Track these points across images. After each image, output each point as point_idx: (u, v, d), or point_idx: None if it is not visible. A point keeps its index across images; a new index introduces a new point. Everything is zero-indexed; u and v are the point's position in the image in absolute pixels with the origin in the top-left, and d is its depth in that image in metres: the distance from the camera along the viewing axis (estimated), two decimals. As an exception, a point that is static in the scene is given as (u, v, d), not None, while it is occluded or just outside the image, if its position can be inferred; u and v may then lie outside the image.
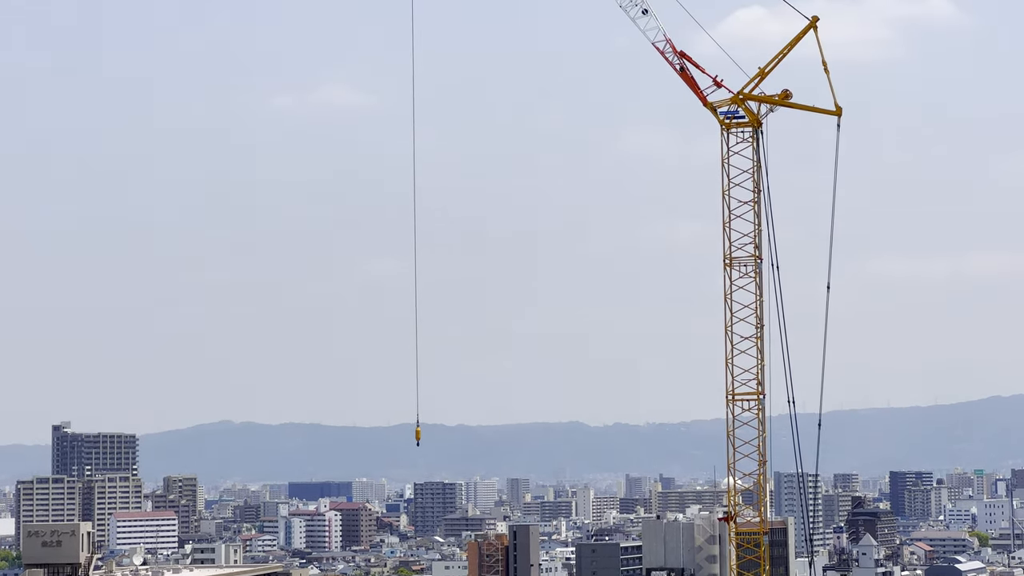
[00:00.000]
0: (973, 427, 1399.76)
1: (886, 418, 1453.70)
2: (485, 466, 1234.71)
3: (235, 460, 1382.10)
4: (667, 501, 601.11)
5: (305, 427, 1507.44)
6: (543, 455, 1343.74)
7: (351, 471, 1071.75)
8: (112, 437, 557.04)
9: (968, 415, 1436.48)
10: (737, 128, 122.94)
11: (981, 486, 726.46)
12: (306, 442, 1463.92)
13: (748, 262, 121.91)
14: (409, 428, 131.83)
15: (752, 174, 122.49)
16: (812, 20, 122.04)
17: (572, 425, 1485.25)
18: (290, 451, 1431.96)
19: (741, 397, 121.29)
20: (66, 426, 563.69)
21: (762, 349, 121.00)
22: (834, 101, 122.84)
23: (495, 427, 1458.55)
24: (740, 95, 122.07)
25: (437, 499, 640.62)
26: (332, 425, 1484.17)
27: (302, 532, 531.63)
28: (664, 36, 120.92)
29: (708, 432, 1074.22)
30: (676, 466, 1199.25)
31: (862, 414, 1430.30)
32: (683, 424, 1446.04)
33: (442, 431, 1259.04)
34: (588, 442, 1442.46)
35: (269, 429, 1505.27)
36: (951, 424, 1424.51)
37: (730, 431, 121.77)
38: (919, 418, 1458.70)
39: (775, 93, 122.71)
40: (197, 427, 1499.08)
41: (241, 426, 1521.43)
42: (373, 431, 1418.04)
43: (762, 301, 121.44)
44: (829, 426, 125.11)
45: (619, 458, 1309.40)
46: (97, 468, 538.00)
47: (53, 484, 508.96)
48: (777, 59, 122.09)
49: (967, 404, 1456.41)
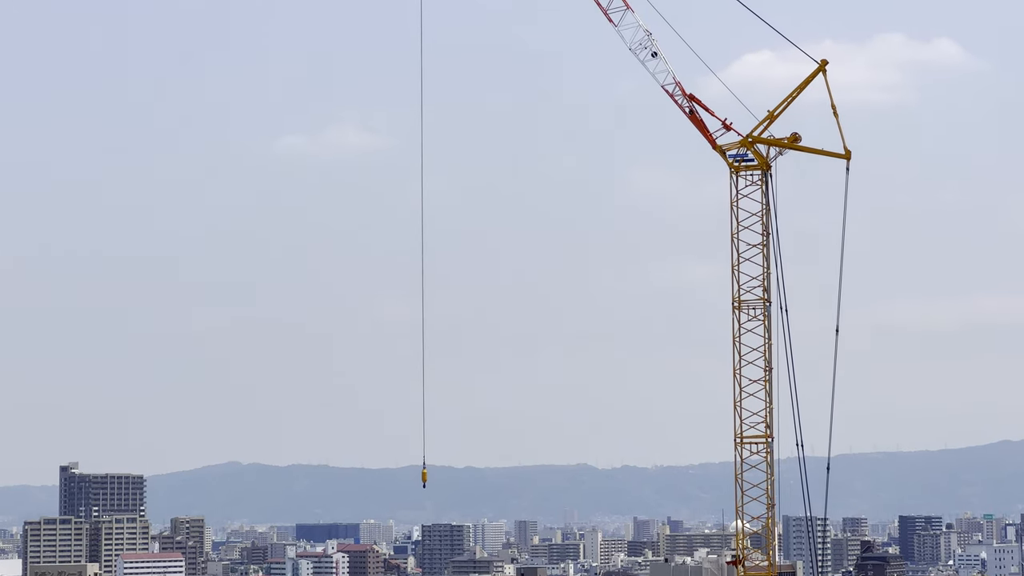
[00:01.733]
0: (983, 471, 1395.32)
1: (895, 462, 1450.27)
2: (493, 508, 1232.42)
3: (242, 501, 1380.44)
4: (675, 544, 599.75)
5: (313, 468, 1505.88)
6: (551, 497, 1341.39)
7: (358, 513, 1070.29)
8: (120, 478, 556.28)
9: (978, 459, 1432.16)
10: (746, 171, 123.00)
11: (991, 531, 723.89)
12: (313, 483, 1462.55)
13: (757, 305, 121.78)
14: (417, 470, 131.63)
15: (761, 217, 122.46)
16: (821, 63, 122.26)
17: (580, 467, 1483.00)
18: (297, 492, 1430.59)
19: (749, 440, 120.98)
20: (73, 467, 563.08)
21: (771, 392, 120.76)
22: (843, 144, 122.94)
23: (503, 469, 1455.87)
24: (749, 138, 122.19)
25: (445, 541, 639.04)
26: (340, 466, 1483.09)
27: (309, 574, 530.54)
28: (673, 79, 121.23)
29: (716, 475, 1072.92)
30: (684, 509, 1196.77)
31: (871, 458, 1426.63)
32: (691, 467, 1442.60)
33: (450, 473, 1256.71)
34: (596, 484, 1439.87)
35: (276, 470, 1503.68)
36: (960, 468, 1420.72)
37: (738, 474, 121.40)
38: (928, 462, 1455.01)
39: (784, 136, 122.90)
40: (205, 468, 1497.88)
41: (248, 467, 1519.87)
42: (381, 472, 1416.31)
43: (771, 344, 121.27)
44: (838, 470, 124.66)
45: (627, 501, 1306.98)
46: (104, 509, 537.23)
47: (60, 525, 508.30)
48: (786, 102, 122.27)
49: (977, 448, 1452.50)
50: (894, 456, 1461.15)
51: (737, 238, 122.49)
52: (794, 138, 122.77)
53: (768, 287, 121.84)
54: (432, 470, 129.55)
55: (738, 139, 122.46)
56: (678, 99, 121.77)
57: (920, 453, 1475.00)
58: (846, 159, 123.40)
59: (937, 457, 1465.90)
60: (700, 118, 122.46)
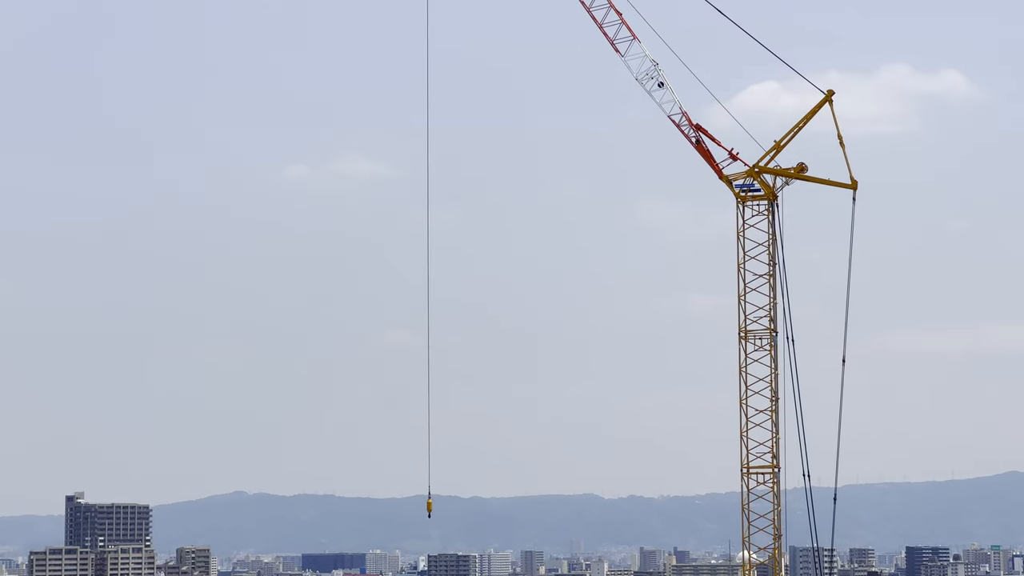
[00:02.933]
0: (990, 502, 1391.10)
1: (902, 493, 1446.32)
2: (499, 538, 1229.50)
3: (248, 531, 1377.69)
4: (682, 575, 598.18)
5: (319, 498, 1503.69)
6: (557, 527, 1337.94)
7: (365, 542, 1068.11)
8: (125, 508, 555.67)
9: (985, 490, 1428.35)
10: (753, 201, 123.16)
11: (998, 562, 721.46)
12: (320, 513, 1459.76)
13: (763, 335, 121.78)
14: (423, 499, 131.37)
15: (767, 247, 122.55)
16: (828, 94, 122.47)
17: (586, 497, 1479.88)
18: (304, 522, 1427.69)
19: (756, 470, 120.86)
20: (79, 496, 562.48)
21: (777, 422, 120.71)
22: (850, 174, 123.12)
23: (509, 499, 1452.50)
24: (756, 168, 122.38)
25: (451, 571, 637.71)
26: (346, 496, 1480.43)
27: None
28: (680, 109, 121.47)
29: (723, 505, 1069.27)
30: (691, 539, 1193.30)
31: (878, 488, 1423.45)
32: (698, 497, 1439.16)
33: (456, 503, 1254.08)
34: (602, 515, 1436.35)
35: (283, 500, 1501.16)
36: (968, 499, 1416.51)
37: (745, 504, 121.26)
38: (935, 493, 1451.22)
39: (791, 166, 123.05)
40: (210, 498, 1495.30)
41: (255, 497, 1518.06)
42: (387, 502, 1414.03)
43: (777, 374, 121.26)
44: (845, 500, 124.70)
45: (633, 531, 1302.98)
46: (110, 539, 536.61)
47: (66, 555, 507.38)
48: (792, 132, 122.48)
49: (984, 479, 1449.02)
50: (901, 486, 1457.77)
51: (743, 268, 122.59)
52: (800, 168, 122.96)
53: (774, 317, 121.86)
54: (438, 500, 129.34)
55: (745, 169, 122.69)
56: (685, 129, 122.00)
57: (927, 484, 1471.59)
58: (853, 189, 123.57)
59: (944, 488, 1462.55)
60: (707, 148, 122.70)
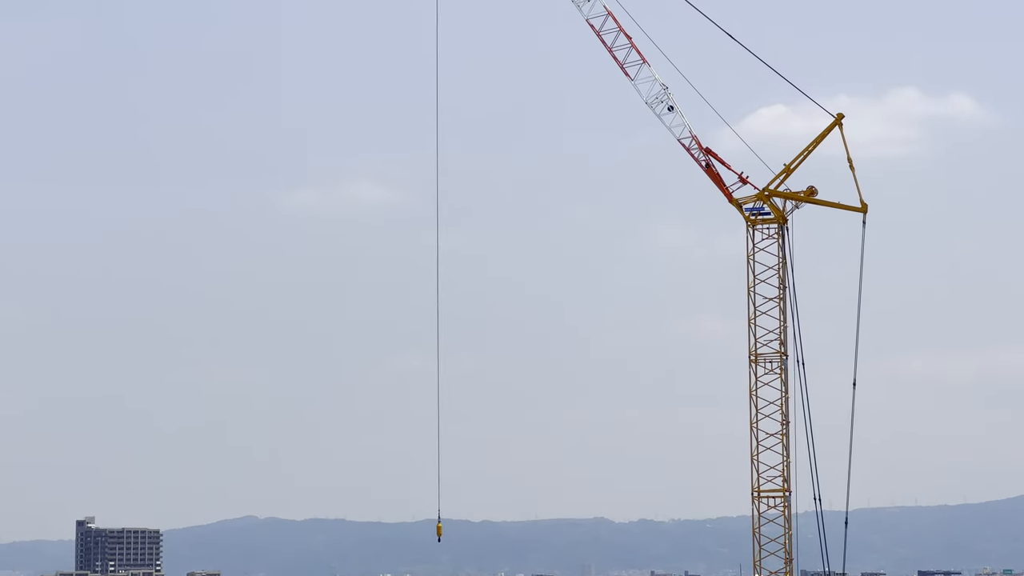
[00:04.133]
0: (1002, 526, 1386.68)
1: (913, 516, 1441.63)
2: (510, 562, 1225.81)
3: (259, 556, 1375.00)
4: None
5: (329, 522, 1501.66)
6: (568, 551, 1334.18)
7: (376, 567, 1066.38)
8: (136, 532, 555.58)
9: (996, 514, 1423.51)
10: (763, 224, 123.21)
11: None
12: (330, 537, 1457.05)
13: (774, 358, 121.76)
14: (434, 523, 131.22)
15: (777, 270, 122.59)
16: (837, 117, 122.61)
17: (597, 521, 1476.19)
18: (314, 547, 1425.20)
19: (767, 494, 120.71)
20: (90, 521, 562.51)
21: (788, 446, 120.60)
22: (860, 198, 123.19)
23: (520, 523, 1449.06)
24: (766, 191, 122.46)
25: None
26: (356, 520, 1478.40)
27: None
28: (690, 133, 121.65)
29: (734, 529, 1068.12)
30: (702, 563, 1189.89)
31: (889, 512, 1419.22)
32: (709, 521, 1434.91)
33: (467, 527, 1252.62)
34: (613, 538, 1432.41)
35: (293, 524, 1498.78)
36: (979, 523, 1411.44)
37: (756, 528, 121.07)
38: (947, 517, 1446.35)
39: (801, 190, 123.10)
40: (221, 522, 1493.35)
41: (265, 521, 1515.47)
42: (398, 527, 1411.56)
43: (788, 398, 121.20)
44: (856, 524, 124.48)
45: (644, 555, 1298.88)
46: (121, 564, 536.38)
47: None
48: (803, 155, 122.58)
49: (995, 503, 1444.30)
50: (912, 510, 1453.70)
51: (754, 291, 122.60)
52: (810, 191, 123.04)
53: (785, 340, 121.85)
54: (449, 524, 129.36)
55: (755, 193, 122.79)
56: (695, 153, 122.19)
57: (939, 507, 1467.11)
58: (863, 212, 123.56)
59: (956, 511, 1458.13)
60: (717, 172, 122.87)
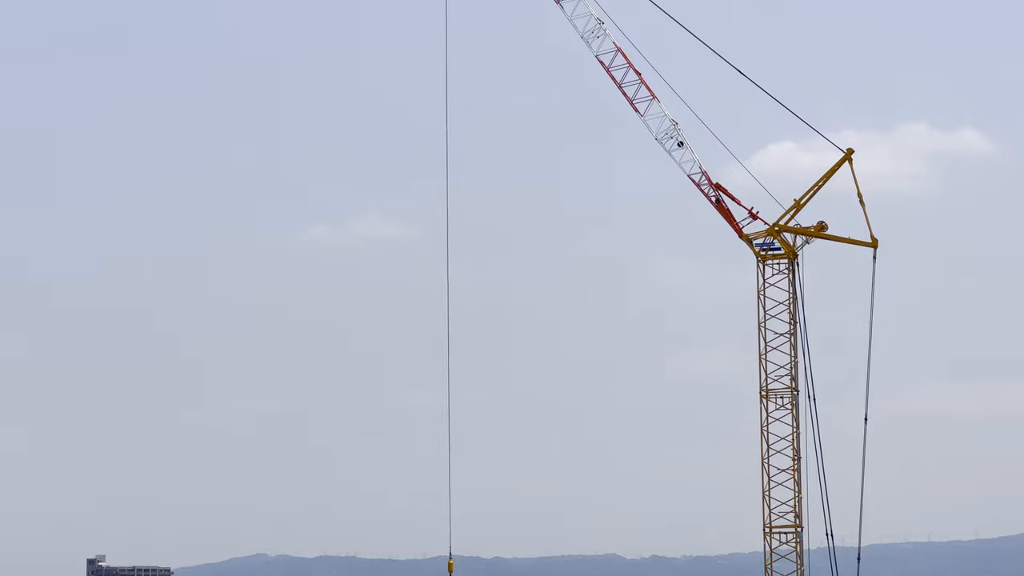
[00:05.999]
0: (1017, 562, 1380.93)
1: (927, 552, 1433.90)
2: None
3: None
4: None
5: (340, 559, 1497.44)
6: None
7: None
8: (147, 571, 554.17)
9: (1011, 549, 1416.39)
10: (773, 260, 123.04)
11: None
12: (341, 575, 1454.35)
13: (784, 394, 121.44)
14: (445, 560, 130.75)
15: (788, 305, 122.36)
16: (847, 152, 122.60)
17: (608, 558, 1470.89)
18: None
19: (779, 530, 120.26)
20: (101, 559, 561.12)
21: (799, 481, 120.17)
22: (870, 233, 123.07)
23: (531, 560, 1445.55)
24: (776, 227, 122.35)
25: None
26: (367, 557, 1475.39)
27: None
28: (700, 168, 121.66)
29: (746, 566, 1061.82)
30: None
31: (902, 548, 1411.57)
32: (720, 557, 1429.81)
33: (479, 564, 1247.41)
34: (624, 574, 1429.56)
35: (304, 562, 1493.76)
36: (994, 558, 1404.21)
37: (768, 565, 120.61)
38: (960, 552, 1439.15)
39: (811, 225, 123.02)
40: (232, 560, 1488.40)
41: (276, 559, 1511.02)
42: (409, 563, 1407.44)
43: (799, 433, 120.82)
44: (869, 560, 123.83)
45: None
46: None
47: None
48: (812, 191, 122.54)
49: (1009, 538, 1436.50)
50: (926, 546, 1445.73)
51: (764, 327, 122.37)
52: (821, 227, 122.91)
53: (796, 376, 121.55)
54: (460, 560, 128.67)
55: (764, 228, 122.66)
56: (704, 188, 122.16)
57: (952, 543, 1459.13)
58: (873, 247, 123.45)
59: (969, 547, 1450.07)
60: (726, 207, 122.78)
